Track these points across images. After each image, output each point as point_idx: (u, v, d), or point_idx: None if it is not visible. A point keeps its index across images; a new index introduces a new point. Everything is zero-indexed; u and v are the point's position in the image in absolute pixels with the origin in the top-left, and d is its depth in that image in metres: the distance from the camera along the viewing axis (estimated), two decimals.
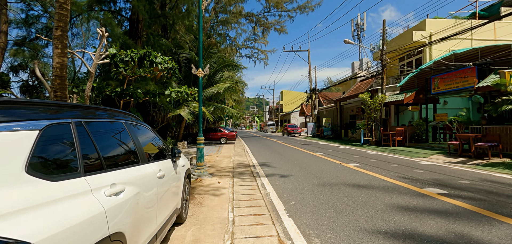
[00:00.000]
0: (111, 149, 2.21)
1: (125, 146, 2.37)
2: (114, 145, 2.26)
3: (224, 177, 7.61)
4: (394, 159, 9.80)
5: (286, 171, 8.21)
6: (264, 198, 5.27)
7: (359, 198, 4.92)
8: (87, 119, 1.91)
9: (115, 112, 2.50)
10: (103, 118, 2.22)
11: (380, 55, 15.79)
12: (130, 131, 2.48)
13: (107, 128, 2.24)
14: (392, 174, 7.03)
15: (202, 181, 7.09)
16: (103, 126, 2.18)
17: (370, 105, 15.82)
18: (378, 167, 8.23)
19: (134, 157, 2.41)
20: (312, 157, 11.09)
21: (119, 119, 2.43)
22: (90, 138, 1.83)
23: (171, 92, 10.61)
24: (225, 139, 21.85)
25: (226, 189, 6.16)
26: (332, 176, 7.00)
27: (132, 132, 2.52)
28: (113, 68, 9.70)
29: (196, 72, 8.02)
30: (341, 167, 8.46)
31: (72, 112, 1.82)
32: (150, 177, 2.49)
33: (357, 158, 10.30)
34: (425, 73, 13.97)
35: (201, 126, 7.90)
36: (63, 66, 6.07)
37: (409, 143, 14.26)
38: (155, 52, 9.60)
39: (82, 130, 1.78)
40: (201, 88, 8.02)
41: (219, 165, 9.77)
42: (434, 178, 6.36)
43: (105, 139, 2.15)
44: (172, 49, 18.36)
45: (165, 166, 3.06)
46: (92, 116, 2.04)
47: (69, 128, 1.67)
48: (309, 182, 6.42)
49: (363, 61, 34.36)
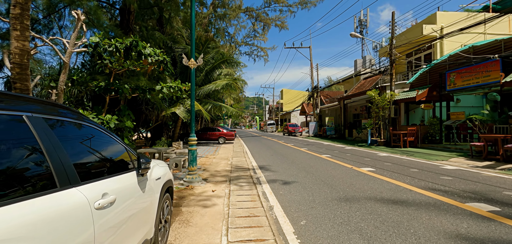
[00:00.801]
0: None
1: (25, 160, 1.32)
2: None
3: (220, 183, 6.58)
4: (411, 163, 8.76)
5: (290, 176, 7.18)
6: (267, 213, 4.24)
7: (389, 216, 3.88)
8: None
9: (11, 98, 1.45)
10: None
11: (389, 49, 14.75)
12: (40, 133, 1.42)
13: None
14: (416, 182, 5.99)
15: (193, 189, 6.05)
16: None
17: (379, 103, 14.76)
18: (397, 172, 7.19)
19: (45, 179, 1.36)
20: (318, 160, 10.05)
21: (15, 111, 1.37)
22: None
23: (163, 88, 9.55)
24: (224, 139, 20.81)
25: (220, 200, 5.13)
26: (345, 184, 5.96)
27: (47, 135, 1.46)
28: (97, 60, 8.65)
29: (188, 63, 6.97)
30: (353, 172, 7.42)
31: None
32: (77, 212, 1.44)
33: (369, 161, 9.26)
34: (438, 69, 12.94)
35: (194, 124, 6.85)
36: (23, 52, 5.01)
37: (422, 144, 13.22)
38: (144, 42, 8.55)
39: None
40: (193, 82, 6.97)
41: (215, 168, 8.74)
42: (471, 189, 5.32)
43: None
44: (167, 44, 17.30)
45: (120, 185, 2.02)
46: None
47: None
48: (319, 192, 5.38)
49: (367, 59, 33.34)
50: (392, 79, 14.75)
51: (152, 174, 2.80)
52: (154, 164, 3.02)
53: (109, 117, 8.08)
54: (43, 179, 1.36)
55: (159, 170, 3.08)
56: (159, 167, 3.14)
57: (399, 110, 14.91)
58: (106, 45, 7.97)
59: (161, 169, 3.17)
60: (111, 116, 8.14)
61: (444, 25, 16.49)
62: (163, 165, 3.39)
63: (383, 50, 21.03)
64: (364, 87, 24.74)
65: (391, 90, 14.67)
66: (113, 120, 8.04)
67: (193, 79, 6.95)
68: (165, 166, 3.42)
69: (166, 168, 3.42)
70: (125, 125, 9.15)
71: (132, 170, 2.39)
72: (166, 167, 3.44)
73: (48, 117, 1.57)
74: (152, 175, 2.77)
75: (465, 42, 16.74)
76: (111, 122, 7.92)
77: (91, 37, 7.74)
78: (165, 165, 3.50)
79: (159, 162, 3.37)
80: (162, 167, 3.25)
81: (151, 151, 8.84)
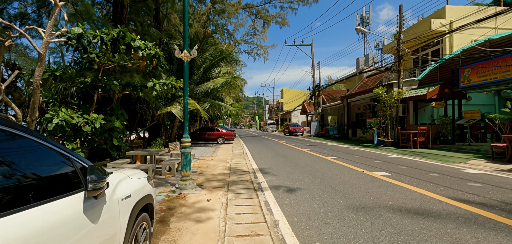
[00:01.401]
0: None
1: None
2: None
3: (216, 189, 5.83)
4: (427, 166, 7.99)
5: (295, 181, 6.42)
6: (271, 231, 3.48)
7: (421, 235, 3.12)
8: None
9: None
10: None
11: (397, 44, 13.97)
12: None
13: None
14: (442, 189, 5.23)
15: (186, 198, 5.30)
16: None
17: (386, 101, 13.97)
18: (415, 177, 6.43)
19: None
20: (324, 162, 9.29)
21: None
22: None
23: (155, 85, 8.77)
24: (223, 139, 20.04)
25: (216, 212, 4.38)
26: (360, 192, 5.20)
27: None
28: (83, 53, 7.88)
29: (180, 55, 6.21)
30: (366, 177, 6.65)
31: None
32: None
33: (380, 164, 8.50)
34: (450, 64, 12.17)
35: (187, 123, 6.10)
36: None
37: (433, 144, 12.44)
38: (133, 34, 7.78)
39: None
40: (186, 76, 6.22)
41: (212, 172, 7.98)
42: (509, 198, 4.56)
43: None
44: (163, 40, 16.52)
45: (49, 219, 1.26)
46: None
47: None
48: (332, 202, 4.62)
49: (369, 57, 32.55)
50: (400, 76, 13.97)
51: (117, 192, 2.03)
52: (120, 178, 2.25)
53: (94, 116, 7.31)
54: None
55: (130, 184, 2.32)
56: (130, 180, 2.38)
57: (408, 108, 14.12)
58: (91, 36, 7.20)
59: (133, 183, 2.40)
60: (97, 115, 7.37)
61: (454, 19, 15.73)
62: (138, 176, 2.62)
63: (389, 46, 20.26)
64: (367, 86, 23.97)
65: (399, 87, 13.90)
66: (98, 119, 7.27)
67: (186, 73, 6.19)
68: (141, 178, 2.65)
69: (143, 180, 2.65)
70: (114, 125, 8.38)
71: (80, 190, 1.63)
72: (142, 178, 2.66)
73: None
74: (116, 194, 2.01)
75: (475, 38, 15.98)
76: (97, 122, 7.16)
77: (73, 27, 6.97)
78: (143, 176, 2.73)
79: (133, 172, 2.60)
80: (135, 180, 2.48)
81: (142, 153, 8.09)
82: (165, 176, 7.58)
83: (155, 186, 6.28)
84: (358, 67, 32.68)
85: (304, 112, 39.59)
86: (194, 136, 20.40)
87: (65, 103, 9.90)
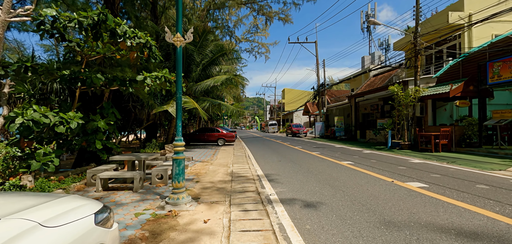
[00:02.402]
0: None
1: None
2: None
3: (216, 204, 4.67)
4: (466, 174, 6.80)
5: (312, 193, 5.24)
6: None
7: None
8: None
9: None
10: None
11: (413, 38, 12.79)
12: None
13: None
14: (504, 208, 4.05)
15: (177, 217, 4.13)
16: None
17: (401, 100, 12.78)
18: (461, 190, 5.25)
19: None
20: (340, 168, 8.11)
21: None
22: None
23: (146, 78, 7.61)
24: (223, 140, 18.87)
25: (215, 239, 3.24)
26: (401, 212, 4.02)
27: None
28: (60, 41, 6.71)
29: (172, 39, 5.05)
30: (400, 189, 5.47)
31: None
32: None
33: (407, 171, 7.32)
34: (475, 59, 10.99)
35: (180, 122, 4.93)
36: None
37: (457, 148, 11.22)
38: (118, 18, 6.63)
39: None
40: (179, 66, 5.06)
41: (211, 179, 6.82)
42: None
43: None
44: (160, 34, 15.37)
45: None
46: None
47: None
48: (368, 227, 3.44)
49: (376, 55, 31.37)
50: (416, 73, 12.77)
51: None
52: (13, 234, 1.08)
53: (71, 115, 6.15)
54: None
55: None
56: (41, 234, 1.21)
57: (426, 108, 12.92)
58: (66, 20, 6.03)
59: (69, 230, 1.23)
60: (74, 114, 6.20)
61: (472, 12, 14.55)
62: (68, 218, 1.44)
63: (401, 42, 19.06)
64: (375, 85, 22.79)
65: (416, 85, 12.70)
66: (75, 119, 6.10)
67: (179, 61, 5.02)
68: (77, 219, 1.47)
69: (80, 226, 1.47)
70: (97, 125, 7.21)
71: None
72: (79, 221, 1.49)
73: None
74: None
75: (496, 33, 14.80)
76: (73, 122, 5.98)
77: (45, 9, 5.80)
78: (83, 214, 1.56)
79: (63, 208, 1.43)
80: (57, 230, 1.31)
81: (129, 158, 6.91)
82: (155, 185, 6.41)
83: (140, 199, 5.11)
84: (363, 66, 31.52)
85: (306, 112, 38.40)
86: (193, 137, 19.24)
87: (43, 101, 8.74)
